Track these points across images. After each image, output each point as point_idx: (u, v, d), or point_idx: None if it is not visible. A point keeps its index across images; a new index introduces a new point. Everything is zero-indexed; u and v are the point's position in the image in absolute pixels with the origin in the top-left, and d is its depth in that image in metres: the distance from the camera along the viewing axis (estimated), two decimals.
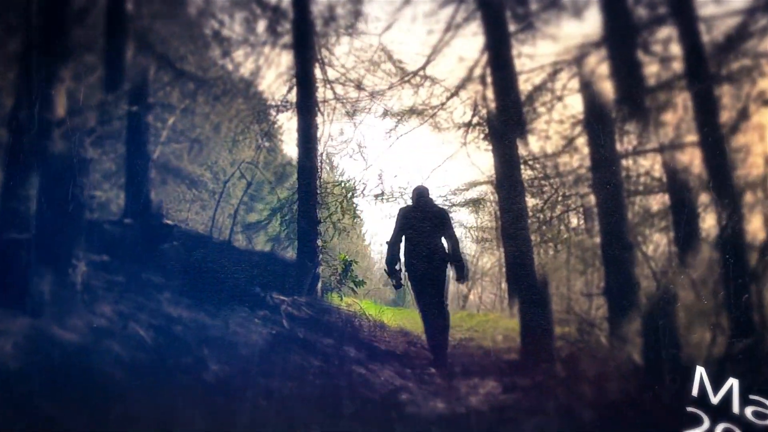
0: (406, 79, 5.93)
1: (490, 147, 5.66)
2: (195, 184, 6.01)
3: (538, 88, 4.92)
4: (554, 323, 4.79)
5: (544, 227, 5.63)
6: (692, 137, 4.34)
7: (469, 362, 5.07)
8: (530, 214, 5.56)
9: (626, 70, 4.33)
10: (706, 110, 4.29)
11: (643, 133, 4.42)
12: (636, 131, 4.45)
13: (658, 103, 4.33)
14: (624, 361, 4.20)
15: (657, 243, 4.57)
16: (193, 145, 5.44)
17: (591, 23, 4.49)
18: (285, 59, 5.51)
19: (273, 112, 6.06)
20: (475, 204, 6.53)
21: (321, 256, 6.43)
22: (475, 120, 5.75)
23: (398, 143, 6.24)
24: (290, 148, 6.50)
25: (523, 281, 5.19)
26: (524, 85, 4.99)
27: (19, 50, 4.23)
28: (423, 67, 5.77)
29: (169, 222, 5.90)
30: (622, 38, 4.34)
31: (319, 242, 6.45)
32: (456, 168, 6.16)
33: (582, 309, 4.74)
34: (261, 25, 5.24)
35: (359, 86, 6.01)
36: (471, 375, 4.86)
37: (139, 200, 5.15)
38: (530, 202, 5.61)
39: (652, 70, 4.43)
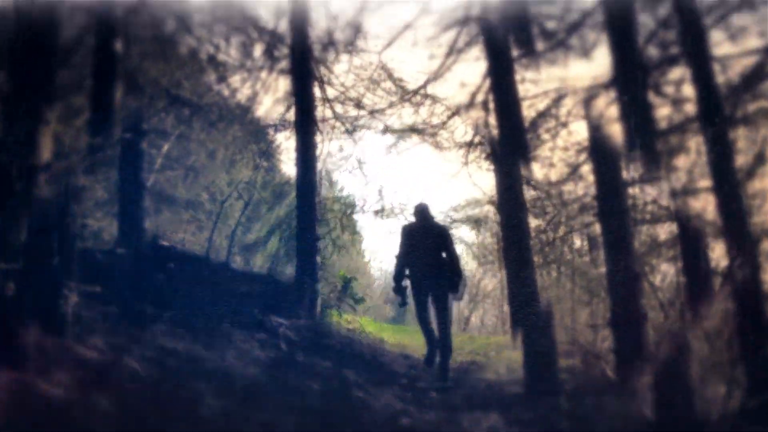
0: (407, 97, 5.84)
1: (492, 167, 5.57)
2: (191, 205, 5.92)
3: (542, 115, 4.81)
4: (559, 354, 4.68)
5: (547, 248, 5.55)
6: (706, 182, 4.21)
7: (470, 393, 4.98)
8: (532, 234, 5.47)
9: (636, 112, 4.19)
10: (720, 154, 4.15)
11: (653, 171, 4.30)
12: (644, 167, 4.33)
13: (670, 147, 4.19)
14: (632, 403, 4.08)
15: (665, 273, 4.46)
16: (189, 173, 5.34)
17: (599, 63, 4.36)
18: (282, 84, 5.40)
19: (271, 132, 5.97)
20: (476, 222, 6.44)
21: (320, 272, 6.36)
22: (477, 139, 5.66)
23: (399, 159, 6.16)
24: (289, 167, 6.40)
25: (526, 304, 5.10)
26: (528, 111, 4.87)
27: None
28: (424, 86, 5.68)
29: (165, 243, 5.81)
30: (632, 79, 4.20)
31: (319, 259, 6.39)
32: (457, 185, 6.09)
33: (587, 340, 4.64)
34: (258, 50, 5.13)
35: (359, 105, 5.92)
36: (473, 407, 4.76)
37: (133, 227, 5.05)
38: (532, 222, 5.54)
39: (663, 112, 4.29)
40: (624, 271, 4.56)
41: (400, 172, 6.28)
